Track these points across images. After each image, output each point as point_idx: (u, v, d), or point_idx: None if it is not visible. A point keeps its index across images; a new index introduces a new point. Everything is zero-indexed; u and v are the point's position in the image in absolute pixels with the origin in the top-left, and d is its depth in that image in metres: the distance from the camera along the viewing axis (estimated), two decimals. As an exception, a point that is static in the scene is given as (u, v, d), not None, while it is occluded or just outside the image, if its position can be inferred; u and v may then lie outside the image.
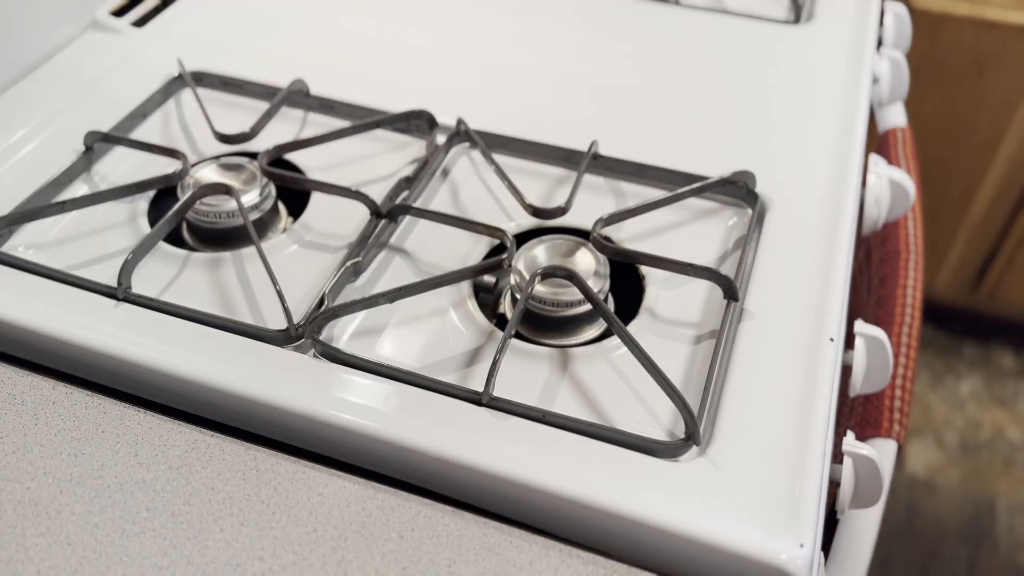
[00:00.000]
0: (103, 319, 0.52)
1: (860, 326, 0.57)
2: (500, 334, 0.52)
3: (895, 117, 0.82)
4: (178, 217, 0.57)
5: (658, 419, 0.48)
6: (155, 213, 0.61)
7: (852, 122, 0.68)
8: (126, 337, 0.50)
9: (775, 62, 0.74)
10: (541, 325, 0.54)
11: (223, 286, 0.55)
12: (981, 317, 1.57)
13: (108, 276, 0.54)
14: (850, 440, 0.51)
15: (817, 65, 0.74)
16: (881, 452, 0.60)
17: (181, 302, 0.53)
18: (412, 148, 0.66)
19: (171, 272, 0.56)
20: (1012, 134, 1.31)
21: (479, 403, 0.47)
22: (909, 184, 0.69)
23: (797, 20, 0.79)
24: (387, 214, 0.58)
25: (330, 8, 0.80)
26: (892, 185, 0.68)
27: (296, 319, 0.51)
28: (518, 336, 0.53)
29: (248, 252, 0.57)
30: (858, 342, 0.56)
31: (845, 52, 0.75)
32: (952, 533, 1.36)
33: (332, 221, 0.60)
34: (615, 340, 0.52)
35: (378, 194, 0.60)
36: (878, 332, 0.56)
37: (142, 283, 0.54)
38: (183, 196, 0.57)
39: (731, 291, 0.52)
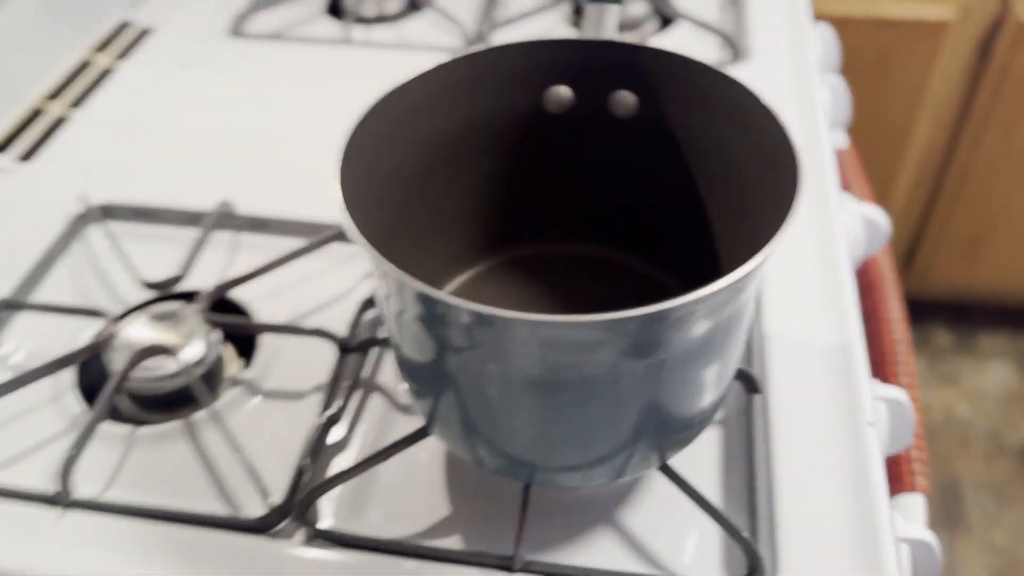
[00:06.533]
0: (45, 536, 0.43)
1: (879, 389, 0.53)
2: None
3: (837, 139, 0.80)
4: (114, 395, 0.48)
5: (710, 552, 0.43)
6: (85, 380, 0.52)
7: (819, 156, 0.65)
8: (75, 556, 0.42)
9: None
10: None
11: (179, 465, 0.47)
12: (916, 301, 1.59)
13: (42, 476, 0.46)
14: (902, 525, 0.47)
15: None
16: (911, 509, 0.57)
17: (133, 495, 0.45)
18: (363, 259, 0.59)
19: (115, 456, 0.48)
20: (921, 123, 1.34)
21: (510, 570, 0.41)
22: (881, 218, 0.66)
23: (735, 60, 0.75)
24: (356, 348, 0.52)
25: (238, 113, 0.72)
26: (866, 223, 0.65)
27: (272, 495, 0.44)
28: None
29: (201, 417, 0.50)
30: (880, 407, 0.53)
31: (789, 84, 0.73)
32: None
33: (292, 360, 0.53)
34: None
35: (340, 321, 0.53)
36: (899, 394, 0.53)
37: (84, 477, 0.46)
38: (114, 365, 0.49)
39: (752, 385, 0.48)
